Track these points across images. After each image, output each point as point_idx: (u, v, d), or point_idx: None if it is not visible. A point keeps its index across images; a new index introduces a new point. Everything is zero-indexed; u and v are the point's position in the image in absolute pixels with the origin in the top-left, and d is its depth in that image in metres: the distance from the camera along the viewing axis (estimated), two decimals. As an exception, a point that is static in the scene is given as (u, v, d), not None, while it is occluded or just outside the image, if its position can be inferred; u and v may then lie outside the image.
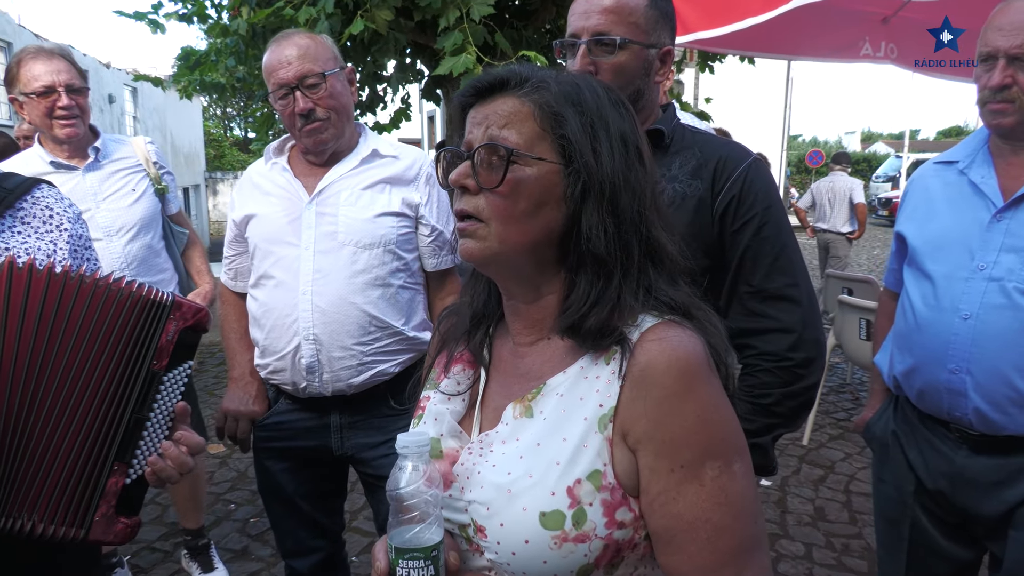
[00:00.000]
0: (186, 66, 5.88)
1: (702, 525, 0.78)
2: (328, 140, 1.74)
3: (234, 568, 2.89)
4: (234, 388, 1.88)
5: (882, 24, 4.61)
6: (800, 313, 1.34)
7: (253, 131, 6.06)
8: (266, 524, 3.23)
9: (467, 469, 0.88)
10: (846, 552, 3.03)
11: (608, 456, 0.81)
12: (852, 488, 3.64)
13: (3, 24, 9.44)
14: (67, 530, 1.08)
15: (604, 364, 0.84)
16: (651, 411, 0.80)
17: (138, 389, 1.11)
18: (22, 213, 1.28)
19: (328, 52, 1.73)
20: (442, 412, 0.95)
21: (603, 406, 0.82)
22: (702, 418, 0.79)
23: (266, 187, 1.83)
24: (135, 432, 1.11)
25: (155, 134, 14.27)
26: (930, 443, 1.58)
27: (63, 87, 2.20)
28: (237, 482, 3.69)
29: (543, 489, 0.81)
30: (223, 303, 1.99)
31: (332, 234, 1.72)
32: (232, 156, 20.10)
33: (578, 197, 0.84)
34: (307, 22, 4.20)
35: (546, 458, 0.82)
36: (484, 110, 0.87)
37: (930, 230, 1.59)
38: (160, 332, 1.12)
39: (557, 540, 0.79)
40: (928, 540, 1.63)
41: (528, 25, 5.08)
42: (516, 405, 0.88)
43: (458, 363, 0.98)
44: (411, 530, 0.78)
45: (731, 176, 1.35)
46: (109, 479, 1.10)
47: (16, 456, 1.06)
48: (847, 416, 4.69)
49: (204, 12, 5.52)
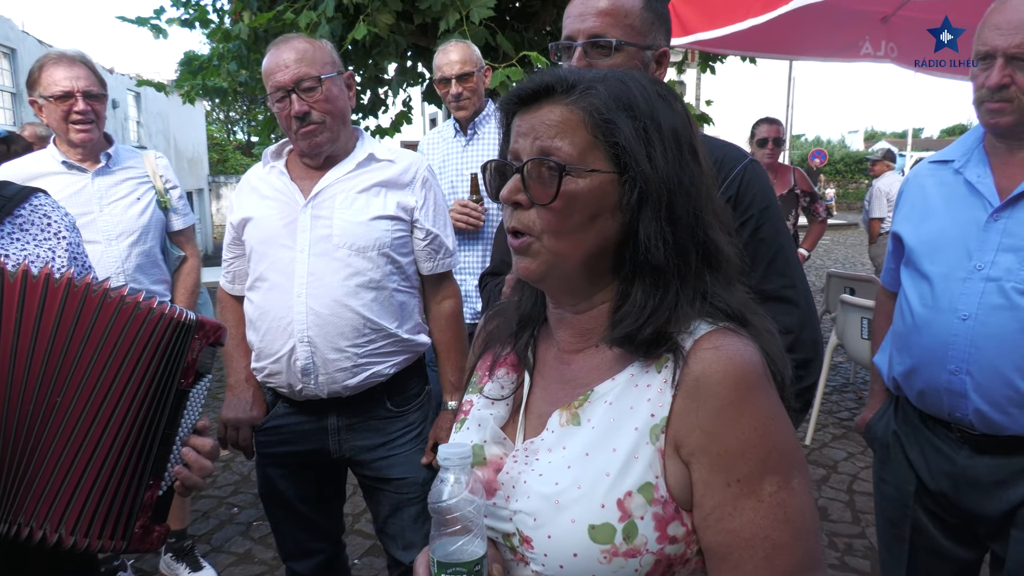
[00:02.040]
0: (189, 71, 5.90)
1: (760, 542, 0.75)
2: (323, 143, 1.75)
3: (237, 571, 2.90)
4: (231, 396, 1.88)
5: (882, 23, 4.60)
6: (798, 314, 1.34)
7: (256, 135, 6.09)
8: (269, 527, 3.24)
9: (512, 477, 0.85)
10: (849, 552, 3.03)
11: (660, 468, 0.78)
12: (855, 488, 3.64)
13: (6, 30, 9.49)
14: (109, 542, 1.11)
15: (655, 372, 0.81)
16: (706, 422, 0.76)
17: (169, 407, 1.13)
18: (20, 220, 1.28)
19: (326, 56, 1.74)
20: (485, 417, 0.92)
21: (655, 416, 0.79)
22: (760, 430, 0.76)
23: (263, 190, 1.84)
24: (166, 447, 1.15)
25: (158, 139, 14.31)
26: (931, 443, 1.58)
27: (80, 92, 2.25)
28: (240, 486, 3.71)
29: (592, 501, 0.78)
30: (222, 309, 2.00)
31: (327, 237, 1.73)
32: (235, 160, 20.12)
33: (634, 205, 0.80)
34: (308, 26, 4.21)
35: (595, 468, 0.79)
36: (530, 119, 0.83)
37: (926, 230, 1.59)
38: (187, 351, 1.14)
39: (607, 554, 0.76)
40: (929, 540, 1.63)
41: (529, 27, 5.09)
42: (562, 412, 0.85)
43: (502, 366, 0.96)
44: (454, 543, 0.76)
45: (728, 177, 1.34)
46: (146, 493, 1.13)
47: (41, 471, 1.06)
48: (850, 416, 4.68)
49: (206, 17, 5.54)
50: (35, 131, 4.15)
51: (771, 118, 4.70)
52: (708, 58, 5.75)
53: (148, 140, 13.74)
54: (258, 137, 6.06)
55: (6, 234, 1.26)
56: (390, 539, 1.92)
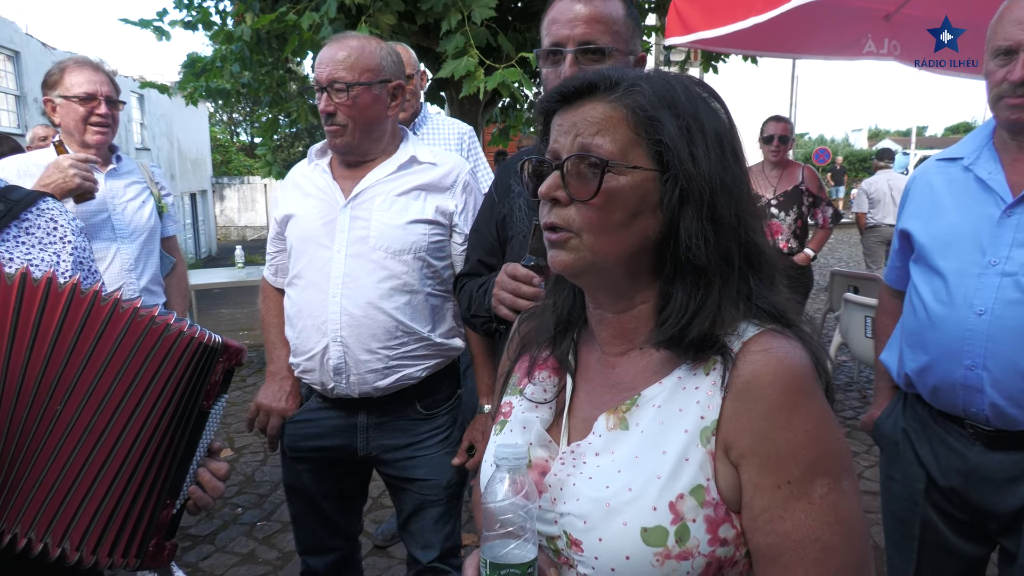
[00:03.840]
0: (192, 72, 5.92)
1: (811, 544, 0.74)
2: (341, 145, 1.77)
3: (241, 572, 2.90)
4: (270, 383, 1.92)
5: (884, 21, 4.60)
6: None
7: (258, 136, 6.10)
8: (273, 528, 3.25)
9: (560, 480, 0.84)
10: (854, 551, 3.02)
11: (711, 470, 0.78)
12: (860, 487, 3.62)
13: (10, 33, 9.52)
14: (121, 559, 1.11)
15: (703, 375, 0.81)
16: (756, 425, 0.76)
17: (190, 429, 1.14)
18: (27, 224, 1.28)
19: (372, 63, 1.73)
20: (531, 420, 0.91)
21: (704, 418, 0.79)
22: (811, 433, 0.76)
23: (306, 188, 1.87)
24: (184, 467, 1.15)
25: (162, 140, 14.34)
26: (942, 440, 1.57)
27: (104, 96, 2.32)
28: (244, 486, 3.71)
29: (644, 504, 0.78)
30: (265, 298, 2.04)
31: (364, 239, 1.75)
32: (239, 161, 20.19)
33: (676, 204, 0.79)
34: (311, 27, 4.22)
35: (646, 472, 0.79)
36: (572, 116, 0.83)
37: (937, 227, 1.58)
38: (211, 373, 1.15)
39: (660, 557, 0.76)
40: (939, 537, 1.62)
41: (531, 27, 5.10)
42: (609, 416, 0.84)
43: (542, 369, 0.95)
44: (507, 545, 0.75)
45: None
46: (162, 512, 1.13)
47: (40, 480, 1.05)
48: (854, 415, 4.66)
49: (209, 19, 5.56)
50: (36, 133, 4.17)
51: (779, 116, 4.70)
52: (710, 57, 5.75)
53: (152, 142, 13.79)
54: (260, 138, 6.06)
55: (11, 237, 1.25)
56: (411, 537, 1.94)
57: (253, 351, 6.58)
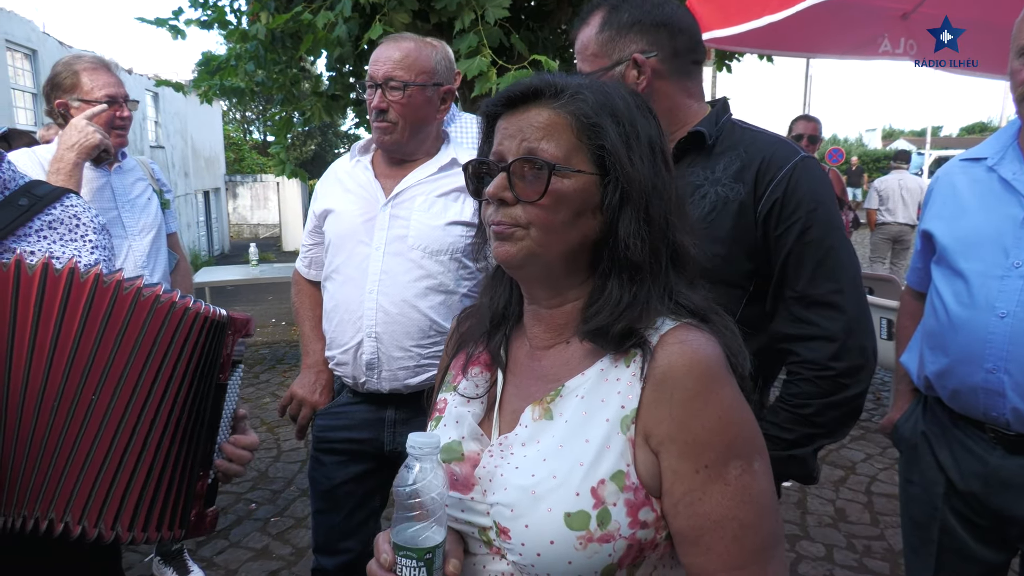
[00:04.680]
0: (206, 71, 5.95)
1: (729, 523, 0.79)
2: (389, 143, 1.80)
3: (255, 567, 2.92)
4: (306, 375, 1.97)
5: (901, 20, 4.56)
6: (844, 320, 1.28)
7: (272, 134, 6.12)
8: (286, 524, 3.27)
9: (489, 472, 0.88)
10: (868, 554, 3.00)
11: (631, 457, 0.82)
12: (874, 489, 3.60)
13: (28, 31, 9.61)
14: (168, 532, 1.15)
15: (624, 367, 0.85)
16: (674, 413, 0.81)
17: (211, 403, 1.17)
18: (50, 219, 1.30)
19: (427, 66, 1.77)
20: (463, 415, 0.95)
21: (625, 407, 0.83)
22: (724, 419, 0.80)
23: (347, 183, 1.90)
24: (212, 439, 1.19)
25: (176, 138, 14.44)
26: (962, 444, 1.56)
27: (124, 99, 2.32)
28: (258, 482, 3.73)
29: (568, 490, 0.81)
30: (298, 292, 2.07)
31: (403, 238, 1.78)
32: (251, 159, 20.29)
33: (616, 206, 0.84)
34: (326, 26, 4.23)
35: (570, 459, 0.83)
36: (517, 121, 0.86)
37: (960, 228, 1.56)
38: (223, 347, 1.18)
39: (582, 540, 0.80)
40: (958, 542, 1.60)
41: (544, 26, 5.09)
42: (535, 407, 0.88)
43: (475, 365, 0.99)
44: (412, 527, 0.79)
45: (775, 178, 1.30)
46: (198, 483, 1.17)
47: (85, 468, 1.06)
48: (868, 417, 4.63)
49: (224, 18, 5.59)
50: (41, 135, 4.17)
51: (808, 116, 4.69)
52: (724, 56, 5.71)
53: (166, 140, 13.88)
54: (274, 137, 6.09)
55: (34, 231, 1.27)
56: None
57: (265, 348, 6.61)
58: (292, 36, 5.05)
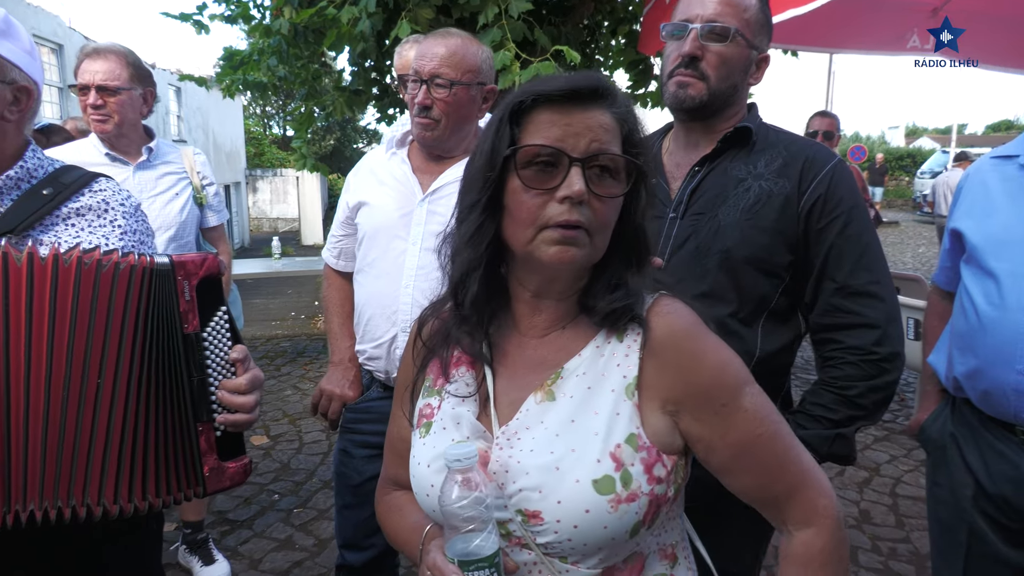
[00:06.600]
0: (230, 65, 6.00)
1: (756, 440, 0.88)
2: (430, 139, 1.79)
3: (279, 558, 2.96)
4: (334, 371, 1.98)
5: (931, 16, 4.49)
6: (884, 309, 1.37)
7: (293, 129, 6.16)
8: (309, 515, 3.30)
9: (503, 463, 0.88)
10: (893, 556, 2.97)
11: (639, 420, 0.88)
12: (899, 491, 3.56)
13: (54, 26, 9.74)
14: (179, 494, 1.13)
15: (617, 341, 0.91)
16: (683, 375, 0.88)
17: (182, 356, 1.12)
18: (78, 206, 1.27)
19: (474, 64, 1.75)
20: (461, 414, 0.94)
21: (627, 377, 0.89)
22: (720, 362, 0.90)
23: (382, 176, 1.89)
24: (202, 392, 1.14)
25: (198, 133, 14.59)
26: (992, 446, 1.54)
27: (95, 86, 2.28)
28: (280, 473, 3.78)
29: (589, 458, 0.85)
30: (328, 285, 2.07)
31: (440, 233, 1.75)
32: (271, 154, 20.43)
33: (643, 208, 0.92)
34: (349, 22, 4.25)
35: (583, 431, 0.87)
36: (584, 119, 0.86)
37: (991, 226, 1.54)
38: (176, 296, 1.12)
39: (612, 503, 0.84)
40: (987, 546, 1.58)
41: (566, 21, 5.07)
42: (536, 393, 0.91)
43: (458, 365, 0.98)
44: (472, 539, 0.78)
45: (818, 175, 1.38)
46: (199, 439, 1.14)
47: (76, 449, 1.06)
48: (892, 418, 4.58)
49: (248, 13, 5.63)
50: (76, 124, 4.25)
51: (825, 112, 4.64)
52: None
53: (188, 134, 14.02)
54: (295, 131, 6.14)
55: (61, 220, 1.25)
56: None
57: (286, 341, 6.67)
58: (314, 31, 5.08)
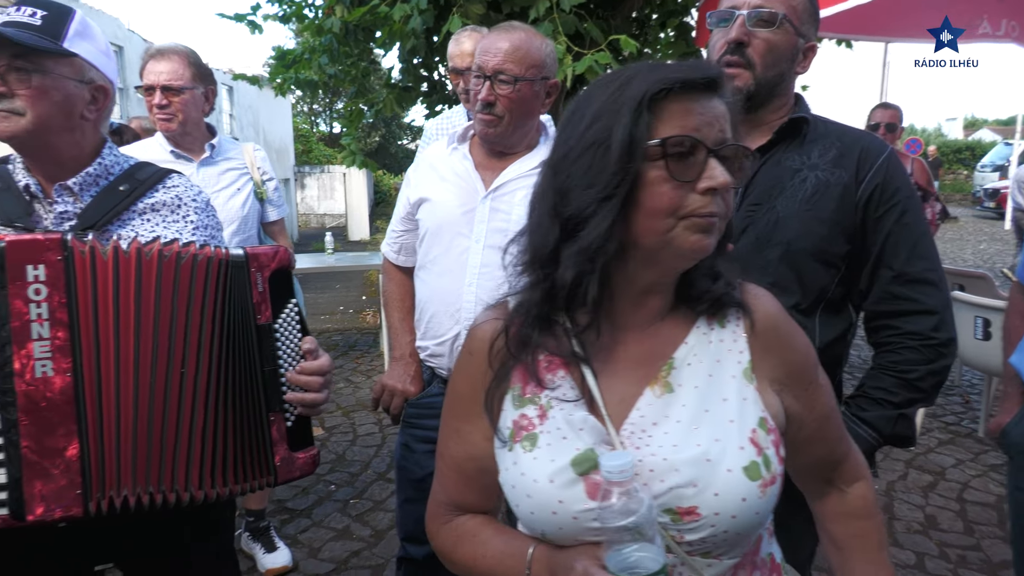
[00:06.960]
0: (282, 64, 6.11)
1: (831, 412, 1.00)
2: (492, 135, 1.78)
3: (337, 547, 3.01)
4: (395, 366, 1.99)
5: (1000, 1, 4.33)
6: (940, 296, 1.39)
7: (343, 126, 6.25)
8: (365, 506, 3.36)
9: (645, 464, 0.83)
10: (963, 564, 2.86)
11: (761, 403, 0.89)
12: (967, 497, 3.43)
13: (114, 29, 10.08)
14: (254, 483, 1.17)
15: (720, 327, 0.92)
16: (784, 355, 0.93)
17: (255, 348, 1.15)
18: (152, 201, 1.32)
19: (538, 59, 1.73)
20: (580, 420, 0.87)
21: (741, 362, 0.90)
22: (805, 343, 0.97)
23: (443, 171, 1.88)
24: (273, 383, 1.17)
25: (249, 130, 14.94)
26: None
27: (160, 87, 2.35)
28: (336, 464, 3.84)
29: (733, 447, 0.85)
30: (387, 280, 2.08)
31: (503, 231, 1.75)
32: (319, 151, 20.78)
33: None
34: (401, 19, 4.28)
35: (719, 420, 0.86)
36: (711, 108, 0.84)
37: None
38: (250, 288, 1.14)
39: (762, 488, 0.84)
40: (1080, 555, 1.52)
41: (616, 14, 5.01)
42: (653, 386, 0.88)
43: (552, 370, 0.91)
44: (639, 553, 0.74)
45: (874, 165, 1.39)
46: (271, 428, 1.17)
47: (164, 438, 1.10)
48: (956, 420, 4.42)
49: (302, 12, 5.72)
50: (140, 124, 4.39)
51: (888, 103, 4.49)
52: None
53: (240, 132, 14.37)
54: (344, 128, 6.24)
55: (137, 215, 1.29)
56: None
57: (337, 335, 6.79)
58: (364, 29, 5.13)
